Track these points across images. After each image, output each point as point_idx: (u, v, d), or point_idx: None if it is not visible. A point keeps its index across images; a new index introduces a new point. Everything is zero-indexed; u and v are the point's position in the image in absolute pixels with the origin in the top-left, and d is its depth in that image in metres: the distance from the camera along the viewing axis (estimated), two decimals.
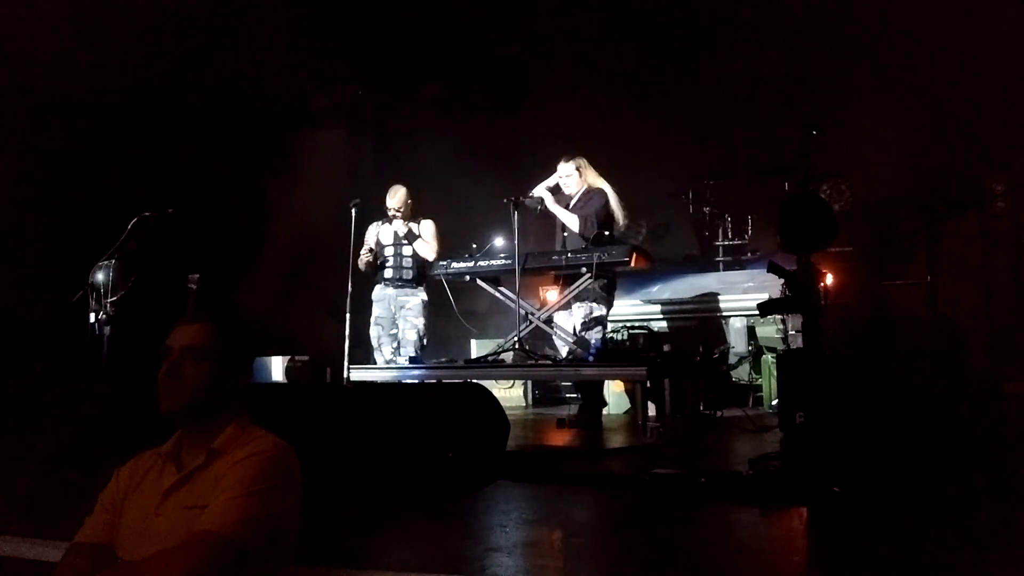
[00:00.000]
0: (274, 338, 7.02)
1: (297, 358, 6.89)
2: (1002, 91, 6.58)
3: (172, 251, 6.01)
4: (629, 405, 6.26)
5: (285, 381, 6.65)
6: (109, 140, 6.70)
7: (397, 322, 6.02)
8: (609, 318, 6.63)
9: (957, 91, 6.59)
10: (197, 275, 5.54)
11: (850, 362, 5.75)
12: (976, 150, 6.54)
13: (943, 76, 6.67)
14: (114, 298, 5.19)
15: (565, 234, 5.75)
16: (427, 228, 6.04)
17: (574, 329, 5.63)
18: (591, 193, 5.69)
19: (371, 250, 6.01)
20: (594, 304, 5.58)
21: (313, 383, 6.57)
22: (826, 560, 2.31)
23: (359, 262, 5.92)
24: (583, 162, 5.75)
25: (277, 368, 6.79)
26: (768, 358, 6.21)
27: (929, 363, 5.51)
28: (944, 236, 6.62)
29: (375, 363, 5.97)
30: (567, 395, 6.98)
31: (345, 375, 5.56)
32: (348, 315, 5.63)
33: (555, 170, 5.81)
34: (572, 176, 5.71)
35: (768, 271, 3.74)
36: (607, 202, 5.65)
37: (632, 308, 6.91)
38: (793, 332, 5.70)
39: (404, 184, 6.15)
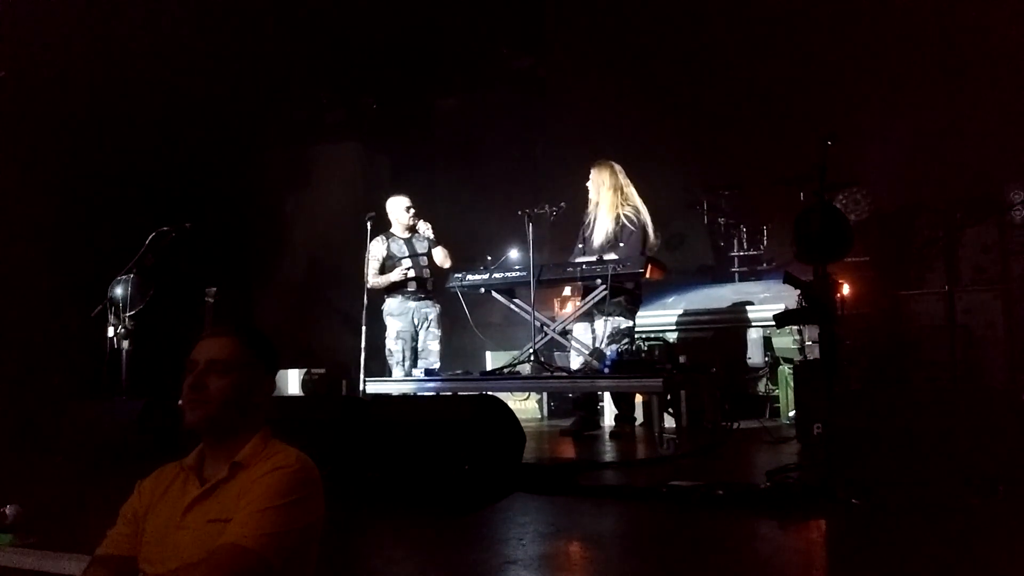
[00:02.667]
0: (290, 351, 7.04)
1: (313, 371, 6.91)
2: (1021, 99, 6.54)
3: (190, 265, 6.07)
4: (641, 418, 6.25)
5: (302, 394, 6.67)
6: (127, 154, 6.77)
7: (419, 334, 6.03)
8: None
9: (975, 99, 6.55)
10: (214, 289, 5.58)
11: (868, 372, 5.71)
12: (994, 158, 6.49)
13: (961, 84, 6.64)
14: (132, 312, 5.25)
15: (596, 244, 5.71)
16: (429, 230, 6.07)
17: (593, 341, 5.64)
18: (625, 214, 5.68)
19: (394, 267, 6.00)
20: (621, 318, 5.58)
21: (330, 396, 6.59)
22: (845, 573, 2.29)
23: (384, 279, 5.92)
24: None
25: (294, 381, 6.82)
26: (785, 369, 6.17)
27: (948, 373, 5.45)
28: (962, 245, 6.56)
29: (391, 376, 5.98)
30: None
31: (361, 387, 5.57)
32: (364, 328, 5.65)
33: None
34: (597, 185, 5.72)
35: (784, 282, 3.72)
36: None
37: (648, 319, 6.89)
38: (810, 343, 5.66)
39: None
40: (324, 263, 7.81)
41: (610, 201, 5.66)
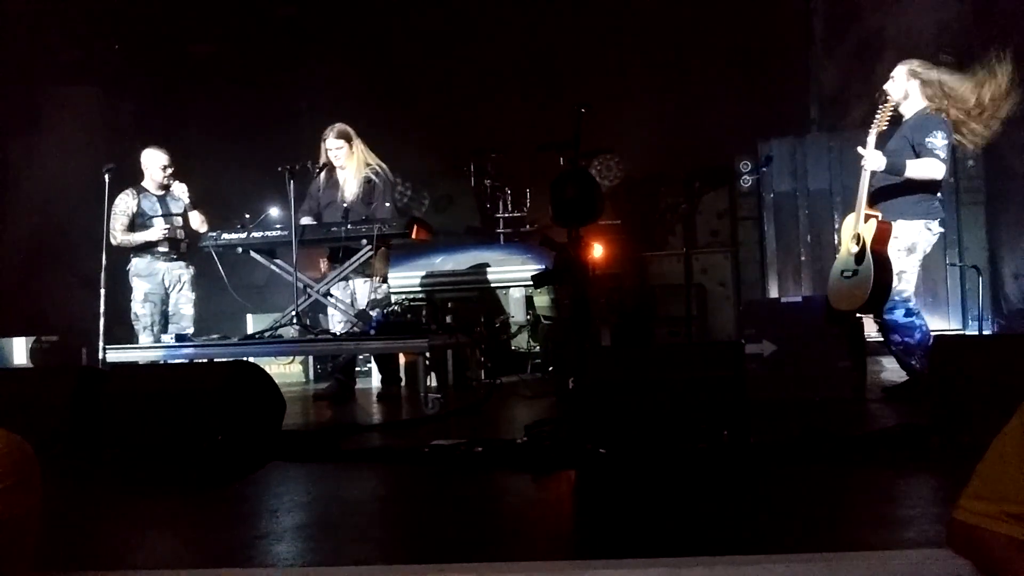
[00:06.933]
0: (16, 317, 6.32)
1: (44, 339, 6.25)
2: (751, 81, 7.28)
3: None
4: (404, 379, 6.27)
5: (30, 365, 6.01)
6: None
7: (170, 296, 5.65)
8: (391, 291, 6.61)
9: (712, 78, 7.19)
10: None
11: (618, 328, 6.14)
12: (726, 132, 7.20)
13: (700, 63, 7.26)
14: None
15: (345, 204, 5.58)
16: (185, 193, 5.68)
17: (352, 302, 5.57)
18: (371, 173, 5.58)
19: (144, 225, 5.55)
20: (377, 279, 5.57)
21: (61, 366, 5.98)
22: (589, 520, 2.44)
23: (136, 237, 5.46)
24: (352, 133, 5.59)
25: (20, 350, 6.12)
26: (545, 326, 6.46)
27: (685, 327, 6.00)
28: (699, 211, 7.23)
29: (138, 343, 5.56)
30: (357, 369, 6.85)
31: (101, 356, 5.12)
32: (103, 290, 5.19)
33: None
34: (343, 149, 5.54)
35: (540, 244, 3.87)
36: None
37: (415, 280, 6.91)
38: (566, 301, 5.95)
39: (170, 146, 5.76)
40: (57, 218, 7.03)
41: (357, 160, 5.54)
